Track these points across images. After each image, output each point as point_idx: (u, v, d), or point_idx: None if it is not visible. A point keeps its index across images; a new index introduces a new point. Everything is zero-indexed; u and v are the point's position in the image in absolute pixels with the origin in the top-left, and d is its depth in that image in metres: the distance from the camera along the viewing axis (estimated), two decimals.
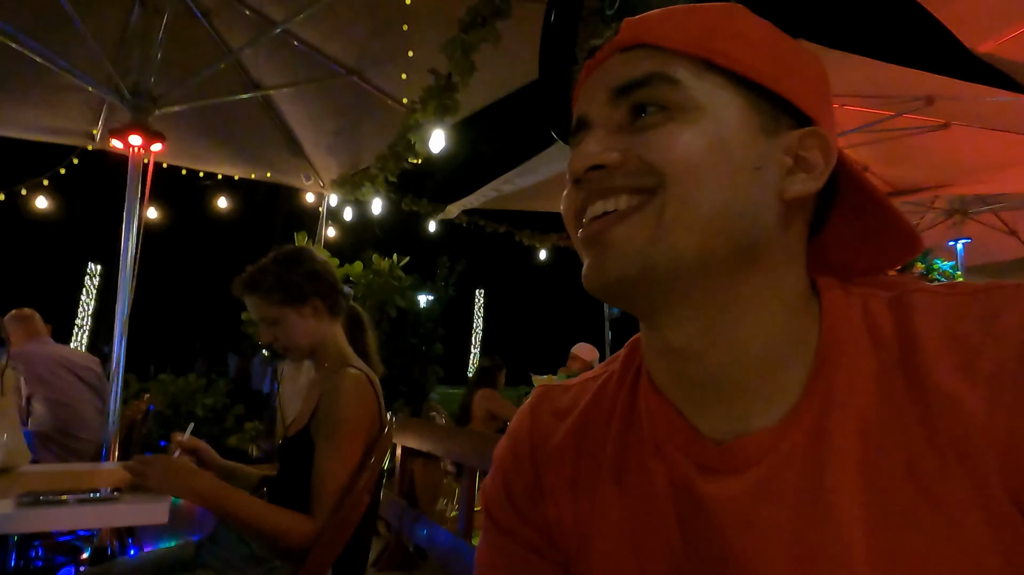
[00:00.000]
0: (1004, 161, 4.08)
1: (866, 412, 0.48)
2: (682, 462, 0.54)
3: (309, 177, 5.28)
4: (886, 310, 0.51)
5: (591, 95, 0.56)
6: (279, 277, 1.70)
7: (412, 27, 3.55)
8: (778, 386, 0.51)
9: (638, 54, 0.54)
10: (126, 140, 3.31)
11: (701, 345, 0.51)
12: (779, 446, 0.49)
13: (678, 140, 0.49)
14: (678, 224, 0.48)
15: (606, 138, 0.53)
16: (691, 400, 0.55)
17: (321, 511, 1.53)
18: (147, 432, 3.48)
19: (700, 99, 0.51)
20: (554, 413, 0.66)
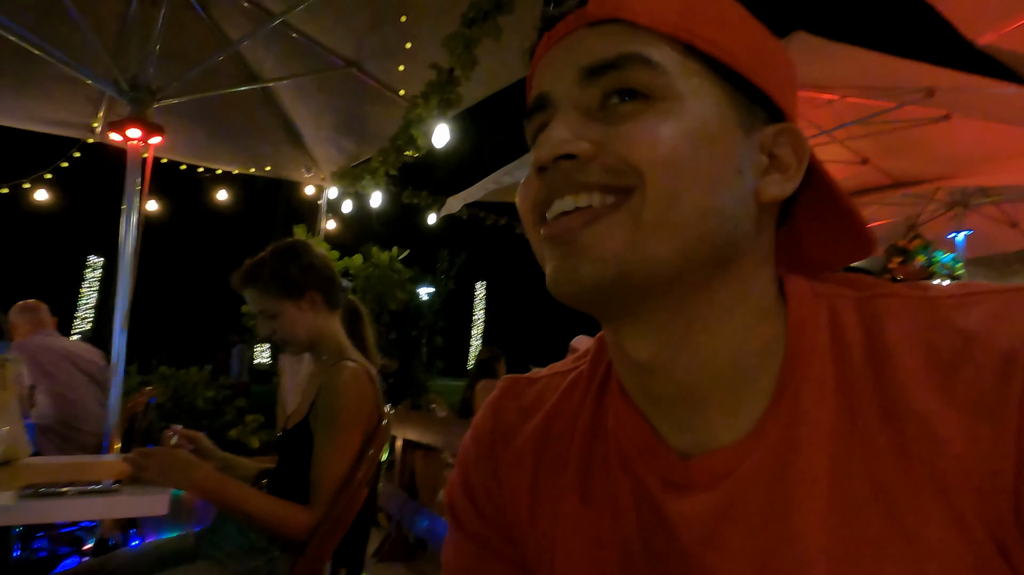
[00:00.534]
0: (1005, 153, 4.07)
1: (834, 429, 0.45)
2: (647, 476, 0.51)
3: (309, 169, 5.28)
4: (853, 313, 0.48)
5: (556, 71, 0.50)
6: (277, 270, 1.71)
7: (411, 19, 3.54)
8: (745, 398, 0.48)
9: (610, 29, 0.48)
10: (125, 133, 3.30)
11: (666, 357, 0.48)
12: (745, 462, 0.47)
13: (659, 135, 0.45)
14: (658, 228, 0.44)
15: (576, 124, 0.47)
16: (657, 412, 0.52)
17: (320, 502, 1.55)
18: (148, 425, 3.49)
19: (679, 87, 0.46)
20: (519, 410, 0.62)
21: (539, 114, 0.51)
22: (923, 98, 3.48)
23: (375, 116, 4.49)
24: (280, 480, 1.72)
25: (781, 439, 0.46)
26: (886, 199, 5.43)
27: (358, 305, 1.98)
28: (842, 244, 0.54)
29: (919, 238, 5.91)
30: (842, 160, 4.57)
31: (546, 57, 0.51)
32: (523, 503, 0.59)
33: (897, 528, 0.41)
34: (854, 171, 4.70)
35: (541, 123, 0.51)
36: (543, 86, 0.51)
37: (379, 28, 3.77)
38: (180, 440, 1.81)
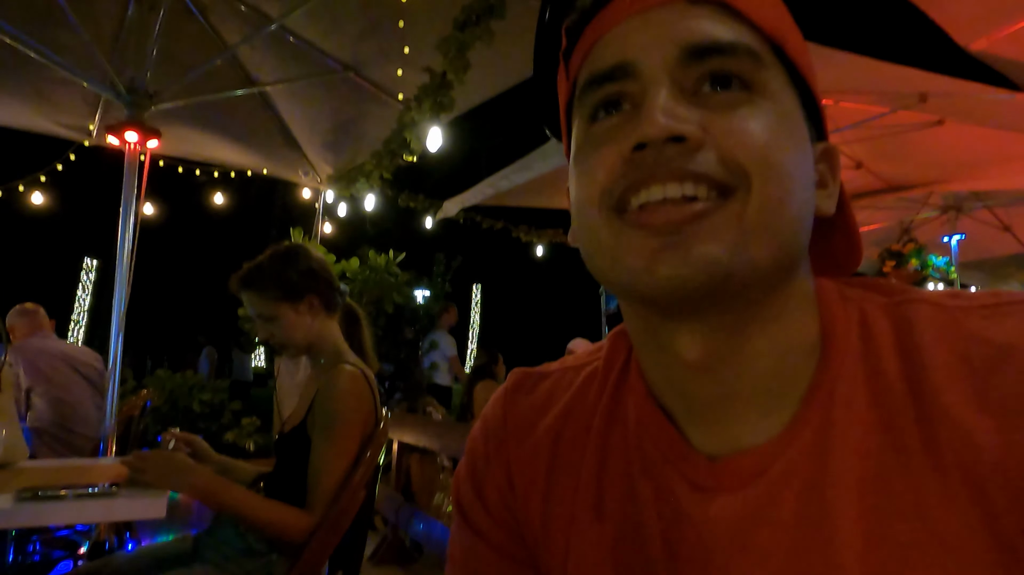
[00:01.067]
0: (997, 157, 4.11)
1: (867, 432, 0.44)
2: (672, 479, 0.50)
3: (307, 172, 5.29)
4: (883, 318, 0.48)
5: (647, 42, 0.46)
6: (276, 274, 1.72)
7: (408, 24, 3.55)
8: (780, 400, 0.47)
9: (713, 12, 0.46)
10: (122, 137, 3.31)
11: (717, 357, 0.46)
12: (776, 464, 0.46)
13: (765, 133, 0.43)
14: (761, 232, 0.42)
15: (679, 103, 0.44)
16: (689, 412, 0.50)
17: (317, 505, 1.55)
18: (144, 428, 3.49)
19: (774, 88, 0.45)
20: (531, 406, 0.60)
21: (614, 83, 0.46)
22: (916, 103, 3.51)
23: (372, 120, 4.51)
24: (277, 483, 1.72)
25: (813, 441, 0.45)
26: (880, 203, 5.47)
27: (356, 309, 1.98)
28: (839, 256, 0.55)
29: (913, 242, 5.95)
30: None
31: (629, 23, 0.47)
32: (535, 505, 0.57)
33: (931, 533, 0.41)
34: (848, 175, 4.73)
35: (616, 92, 0.46)
36: (628, 54, 0.46)
37: (377, 32, 3.79)
38: (177, 443, 1.82)
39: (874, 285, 0.52)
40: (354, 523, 1.66)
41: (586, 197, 0.46)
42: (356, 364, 1.73)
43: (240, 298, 1.77)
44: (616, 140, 0.45)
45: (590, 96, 0.48)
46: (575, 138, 0.50)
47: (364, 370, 1.73)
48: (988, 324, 0.44)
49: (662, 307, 0.45)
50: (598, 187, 0.45)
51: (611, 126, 0.46)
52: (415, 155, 3.70)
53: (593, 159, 0.46)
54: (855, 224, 0.54)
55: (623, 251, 0.44)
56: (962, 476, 0.41)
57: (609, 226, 0.45)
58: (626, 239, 0.44)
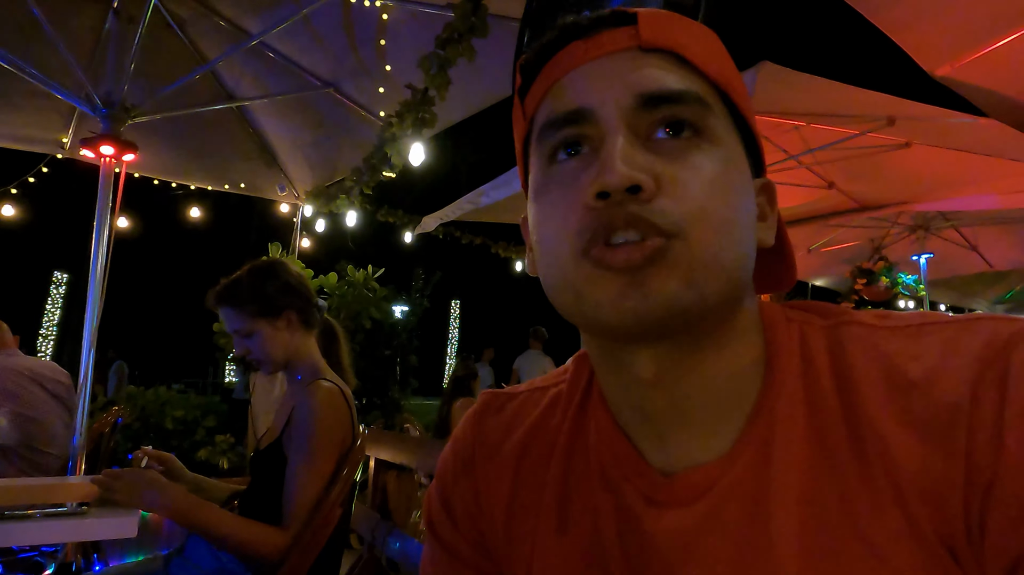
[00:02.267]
0: (963, 179, 4.23)
1: (805, 448, 0.48)
2: (629, 494, 0.53)
3: (284, 188, 5.26)
4: (821, 340, 0.52)
5: (605, 89, 0.49)
6: (253, 290, 1.71)
7: (389, 42, 3.58)
8: (728, 418, 0.51)
9: (665, 61, 0.49)
10: (98, 150, 3.28)
11: (672, 377, 0.50)
12: (723, 480, 0.49)
13: (712, 179, 0.47)
14: (710, 270, 0.46)
15: (636, 151, 0.47)
16: (646, 429, 0.53)
17: (293, 523, 1.54)
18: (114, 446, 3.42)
19: (720, 132, 0.49)
20: (499, 425, 0.64)
21: (573, 127, 0.50)
22: (884, 126, 3.61)
23: (352, 136, 4.51)
24: (252, 501, 1.70)
25: (757, 457, 0.49)
26: (852, 222, 5.59)
27: (334, 325, 1.98)
28: (779, 277, 0.60)
29: (883, 260, 6.09)
30: (809, 184, 4.70)
31: (587, 69, 0.50)
32: (500, 521, 0.60)
33: (861, 540, 0.44)
34: (821, 194, 4.84)
35: (575, 136, 0.50)
36: (586, 100, 0.49)
37: (357, 50, 3.81)
38: (150, 461, 1.79)
39: (814, 307, 0.56)
40: (330, 541, 1.65)
41: (555, 239, 0.49)
42: (334, 381, 1.72)
43: (217, 314, 1.76)
44: (579, 185, 0.48)
45: (550, 138, 0.51)
46: (535, 175, 0.53)
47: (342, 387, 1.73)
48: (911, 343, 0.48)
49: (623, 337, 0.49)
50: (568, 231, 0.48)
51: (572, 168, 0.50)
52: (396, 171, 3.71)
53: (560, 203, 0.49)
54: (791, 249, 0.59)
55: (590, 289, 0.47)
56: (889, 488, 0.44)
57: (577, 267, 0.47)
58: (593, 278, 0.47)
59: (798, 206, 4.99)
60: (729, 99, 0.51)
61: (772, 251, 0.57)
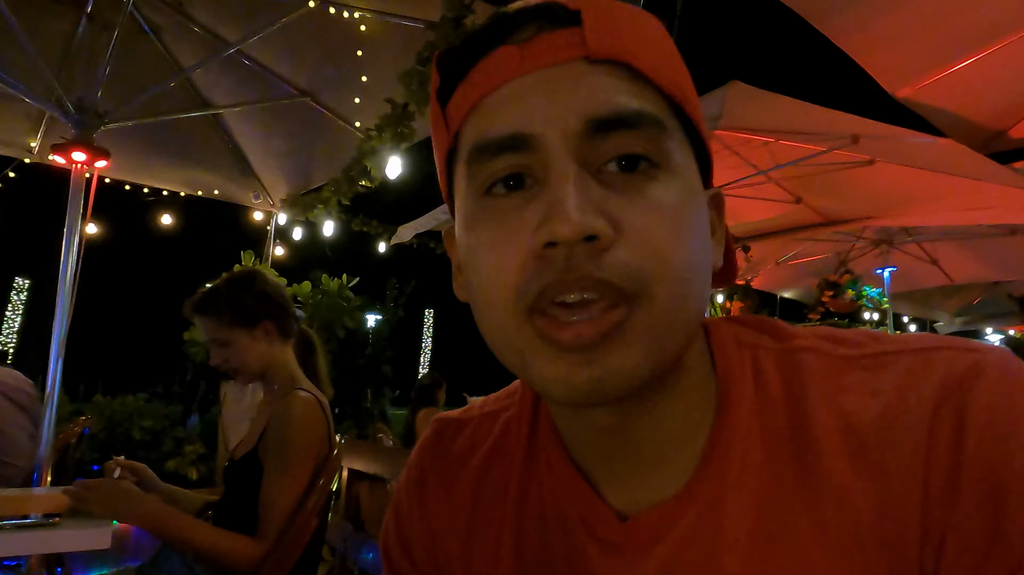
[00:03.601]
0: (924, 196, 4.37)
1: (758, 491, 0.45)
2: (584, 537, 0.50)
3: (258, 196, 5.23)
4: (774, 368, 0.48)
5: (549, 113, 0.42)
6: (231, 299, 1.71)
7: (366, 53, 3.60)
8: (683, 454, 0.47)
9: (615, 73, 0.43)
10: (69, 156, 3.23)
11: (629, 422, 0.47)
12: (679, 525, 0.46)
13: (672, 218, 0.42)
14: (670, 333, 0.42)
15: (589, 190, 0.41)
16: (603, 469, 0.50)
17: (269, 534, 1.54)
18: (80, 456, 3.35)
19: (676, 157, 0.44)
20: (453, 455, 0.60)
21: (511, 155, 0.43)
22: (849, 144, 3.72)
23: (328, 145, 4.51)
24: (227, 512, 1.69)
25: (711, 500, 0.46)
26: (818, 236, 5.72)
27: (311, 335, 1.98)
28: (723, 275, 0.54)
29: (849, 273, 6.24)
30: (778, 199, 4.82)
31: (524, 83, 0.43)
32: (457, 560, 0.57)
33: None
34: (789, 209, 4.96)
35: (515, 166, 0.43)
36: (526, 125, 0.42)
37: (334, 60, 3.82)
38: (122, 471, 1.77)
39: (766, 326, 0.52)
40: (305, 552, 1.65)
41: (493, 289, 0.43)
42: (311, 391, 1.73)
43: (193, 323, 1.75)
44: (522, 227, 0.42)
45: (484, 165, 0.44)
46: (465, 201, 0.47)
47: (319, 397, 1.73)
48: (867, 377, 0.45)
49: (575, 407, 0.47)
50: (510, 286, 0.42)
51: (512, 205, 0.43)
52: (375, 183, 3.73)
53: (498, 245, 0.43)
54: (732, 247, 0.54)
55: (536, 358, 0.42)
56: (845, 535, 0.42)
57: (520, 331, 0.42)
58: (538, 349, 0.42)
59: (767, 220, 5.10)
60: (683, 112, 0.46)
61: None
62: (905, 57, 3.08)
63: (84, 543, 1.51)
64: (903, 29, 2.94)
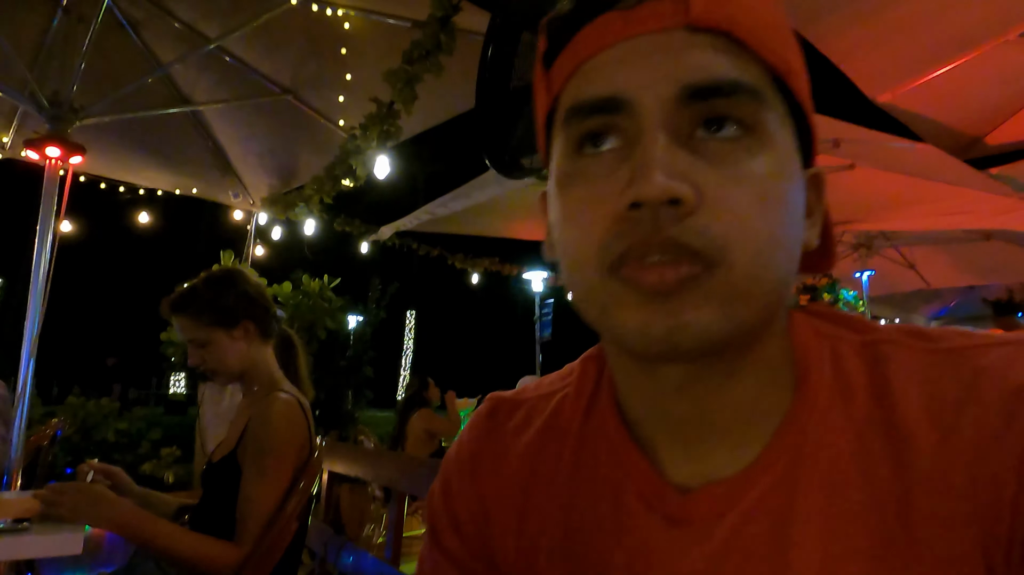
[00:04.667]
0: (903, 200, 4.43)
1: (836, 469, 0.45)
2: (641, 512, 0.49)
3: (238, 194, 5.16)
4: (856, 357, 0.48)
5: (645, 77, 0.43)
6: (210, 298, 1.68)
7: (350, 51, 3.57)
8: (754, 430, 0.48)
9: (717, 43, 0.43)
10: (43, 152, 3.16)
11: (701, 390, 0.47)
12: (746, 498, 0.46)
13: (760, 190, 0.42)
14: (747, 297, 0.42)
15: (676, 155, 0.42)
16: (668, 438, 0.50)
17: (248, 538, 1.51)
18: (52, 459, 3.28)
19: (772, 128, 0.43)
20: (506, 433, 0.60)
21: (604, 116, 0.44)
22: (831, 148, 3.76)
23: (310, 144, 4.46)
24: (204, 515, 1.66)
25: (784, 475, 0.45)
26: None
27: (292, 335, 1.95)
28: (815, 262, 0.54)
29: (827, 276, 6.31)
30: None
31: (623, 48, 0.44)
32: (510, 535, 0.57)
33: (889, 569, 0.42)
34: None
35: (605, 126, 0.44)
36: (622, 88, 0.43)
37: (317, 58, 3.79)
38: (96, 475, 1.72)
39: (844, 320, 0.52)
40: (285, 556, 1.62)
41: (579, 246, 0.45)
42: (291, 392, 1.70)
43: (171, 322, 1.72)
44: (609, 187, 0.43)
45: (577, 124, 0.45)
46: (559, 162, 0.48)
47: (299, 398, 1.71)
48: (957, 366, 0.45)
49: (650, 360, 0.47)
50: (594, 243, 0.43)
51: (602, 163, 0.44)
52: (360, 182, 3.69)
53: (586, 204, 0.44)
54: (832, 236, 0.54)
55: (616, 308, 0.43)
56: (930, 519, 0.41)
57: (603, 284, 0.43)
58: (620, 299, 0.43)
59: None
60: (787, 86, 0.45)
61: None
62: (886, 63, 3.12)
63: (55, 549, 1.47)
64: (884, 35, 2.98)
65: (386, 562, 2.78)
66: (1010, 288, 7.10)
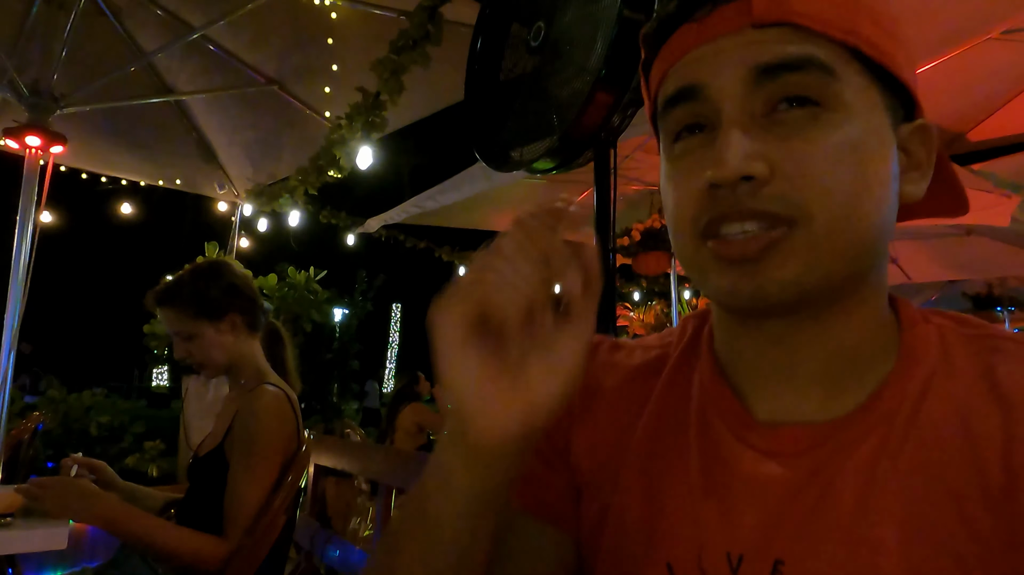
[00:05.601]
0: None
1: (935, 429, 0.46)
2: (728, 439, 0.52)
3: (223, 186, 5.10)
4: (964, 346, 0.50)
5: (716, 66, 0.48)
6: (196, 290, 1.66)
7: (337, 41, 3.53)
8: (849, 386, 0.50)
9: (780, 33, 0.47)
10: (22, 141, 3.10)
11: (797, 341, 0.50)
12: (831, 441, 0.48)
13: (835, 153, 0.45)
14: (834, 251, 0.45)
15: (751, 136, 0.46)
16: (760, 384, 0.53)
17: (235, 532, 1.50)
18: (34, 453, 3.23)
19: (848, 98, 0.47)
20: (602, 366, 0.62)
21: (685, 105, 0.50)
22: None
23: (296, 135, 4.41)
24: (191, 510, 1.65)
25: (879, 423, 0.48)
26: None
27: (279, 328, 1.94)
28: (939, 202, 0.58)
29: None
30: None
31: (701, 50, 0.49)
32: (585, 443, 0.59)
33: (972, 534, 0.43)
34: None
35: (690, 115, 0.50)
36: (699, 77, 0.49)
37: (303, 48, 3.74)
38: (79, 469, 1.71)
39: (953, 315, 0.54)
40: (272, 550, 1.61)
41: (677, 219, 0.51)
42: (278, 385, 1.69)
43: (155, 315, 1.70)
44: (695, 170, 0.48)
45: (668, 118, 0.52)
46: (663, 153, 0.55)
47: (287, 391, 1.70)
48: None
49: (745, 315, 0.52)
50: (687, 216, 0.49)
51: (690, 150, 0.50)
52: (344, 173, 3.66)
53: (680, 185, 0.51)
54: (956, 180, 0.56)
55: (709, 272, 0.49)
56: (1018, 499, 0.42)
57: (697, 251, 0.49)
58: (711, 264, 0.48)
59: None
60: (863, 54, 0.47)
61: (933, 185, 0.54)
62: None
63: (38, 544, 1.45)
64: None
65: None
66: (989, 283, 7.21)
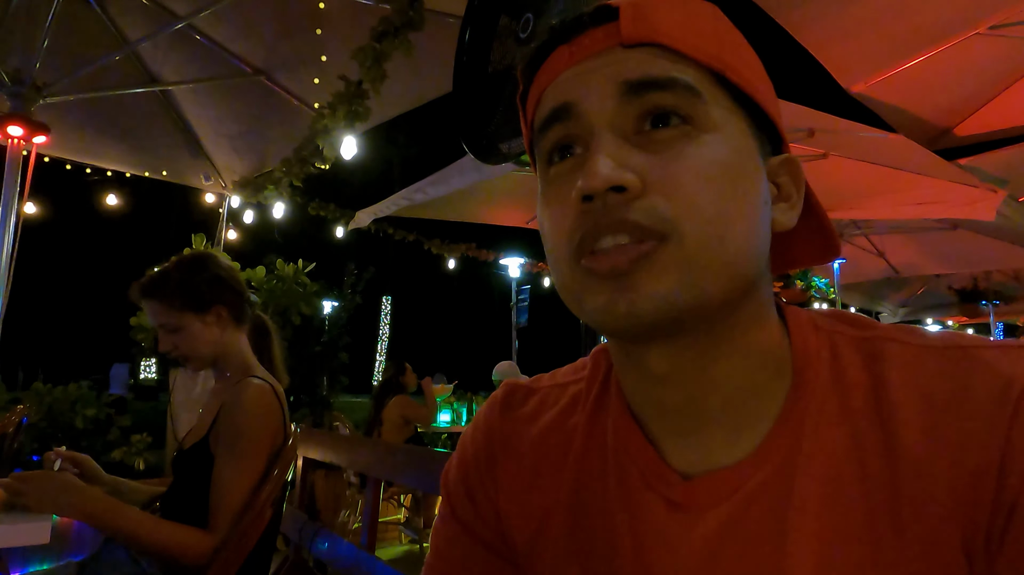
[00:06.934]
0: (874, 190, 4.50)
1: (832, 460, 0.47)
2: (647, 496, 0.52)
3: (209, 177, 5.06)
4: (854, 353, 0.50)
5: (587, 84, 0.48)
6: (181, 282, 1.64)
7: (326, 31, 3.50)
8: (750, 419, 0.50)
9: (649, 53, 0.48)
10: (4, 131, 3.06)
11: (686, 373, 0.49)
12: (746, 485, 0.48)
13: (705, 170, 0.46)
14: (708, 269, 0.45)
15: (620, 150, 0.46)
16: (665, 427, 0.53)
17: (220, 525, 1.49)
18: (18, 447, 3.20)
19: (717, 118, 0.47)
20: (520, 419, 0.63)
21: (558, 125, 0.50)
22: (804, 137, 3.79)
23: (283, 126, 4.38)
24: (176, 503, 1.64)
25: (783, 464, 0.48)
26: None
27: (266, 321, 1.93)
28: (813, 245, 0.59)
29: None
30: None
31: (573, 71, 0.50)
32: (516, 503, 0.60)
33: (874, 554, 0.44)
34: None
35: (563, 135, 0.50)
36: (570, 95, 0.49)
37: (291, 38, 3.71)
38: (63, 463, 1.69)
39: (843, 317, 0.54)
40: (259, 544, 1.61)
41: (553, 242, 0.50)
42: (265, 378, 1.68)
43: (141, 307, 1.68)
44: (569, 189, 0.47)
45: (543, 140, 0.51)
46: (539, 177, 0.54)
47: (273, 384, 1.69)
48: (951, 364, 0.47)
49: (626, 339, 0.50)
50: (561, 236, 0.48)
51: (564, 171, 0.50)
52: (328, 163, 3.63)
53: (555, 205, 0.50)
54: (827, 220, 0.56)
55: (584, 294, 0.48)
56: (915, 509, 0.44)
57: (571, 272, 0.48)
58: (586, 285, 0.47)
59: None
60: (729, 80, 0.49)
61: (806, 226, 0.55)
62: (860, 53, 3.16)
63: (21, 538, 1.44)
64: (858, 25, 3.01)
65: (361, 548, 2.78)
66: (975, 276, 7.29)
